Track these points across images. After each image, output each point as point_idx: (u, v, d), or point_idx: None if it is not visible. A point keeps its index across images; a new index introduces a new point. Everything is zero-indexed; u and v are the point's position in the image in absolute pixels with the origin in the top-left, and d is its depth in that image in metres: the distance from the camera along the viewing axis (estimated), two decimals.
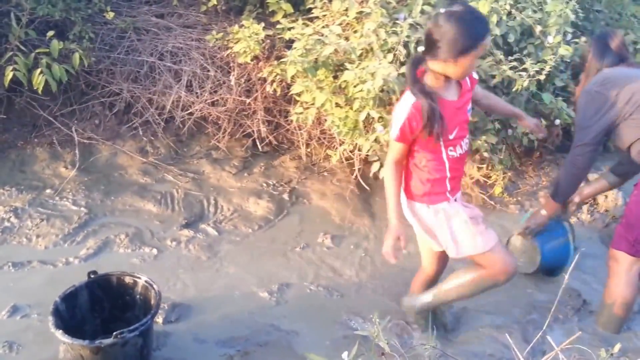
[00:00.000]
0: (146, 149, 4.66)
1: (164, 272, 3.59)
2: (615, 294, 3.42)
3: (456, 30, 2.44)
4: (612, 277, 3.43)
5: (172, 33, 4.62)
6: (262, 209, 4.33)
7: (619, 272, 3.39)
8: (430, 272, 3.22)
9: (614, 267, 3.42)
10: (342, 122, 4.04)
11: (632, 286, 3.38)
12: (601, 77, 3.33)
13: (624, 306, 3.39)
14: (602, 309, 3.50)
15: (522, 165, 5.31)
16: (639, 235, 3.29)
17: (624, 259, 3.37)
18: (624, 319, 3.45)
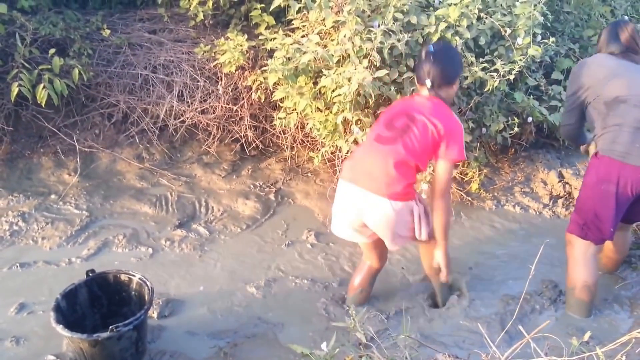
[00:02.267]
0: (142, 155, 4.77)
1: (159, 269, 3.70)
2: (575, 279, 3.49)
3: (457, 59, 3.14)
4: (570, 262, 3.51)
5: (163, 47, 4.73)
6: (250, 209, 4.45)
7: (575, 256, 3.48)
8: (381, 265, 3.44)
9: (570, 251, 3.51)
10: (323, 126, 4.15)
11: (590, 269, 3.44)
12: (587, 60, 3.48)
13: (586, 289, 3.45)
14: (567, 295, 3.57)
15: (497, 162, 5.40)
16: (587, 218, 3.39)
17: (577, 242, 3.46)
18: (588, 302, 3.49)
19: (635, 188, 3.24)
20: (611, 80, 3.29)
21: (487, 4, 4.26)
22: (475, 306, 3.62)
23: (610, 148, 3.26)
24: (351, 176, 3.01)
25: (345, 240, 4.11)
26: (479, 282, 3.88)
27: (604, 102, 3.30)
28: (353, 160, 3.09)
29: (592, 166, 3.39)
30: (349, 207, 3.03)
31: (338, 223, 3.17)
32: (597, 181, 3.32)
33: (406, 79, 4.03)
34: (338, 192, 3.11)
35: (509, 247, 4.32)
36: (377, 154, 2.96)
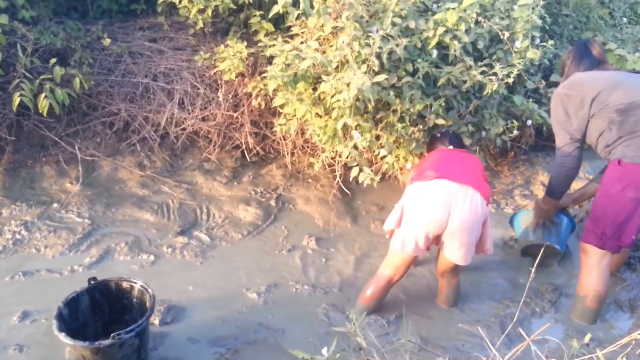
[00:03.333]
0: (144, 163, 4.79)
1: (161, 276, 3.70)
2: (588, 287, 3.45)
3: None
4: (584, 270, 3.46)
5: (164, 55, 4.75)
6: (251, 215, 4.45)
7: (589, 264, 3.42)
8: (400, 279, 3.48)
9: (584, 259, 3.46)
10: (322, 131, 4.14)
11: (603, 278, 3.40)
12: (569, 80, 3.44)
13: (596, 298, 3.42)
14: (577, 302, 3.53)
15: (497, 166, 5.40)
16: (605, 228, 3.31)
17: (593, 251, 3.40)
18: (597, 310, 3.47)
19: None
20: (616, 88, 3.25)
21: (485, 8, 4.27)
22: (475, 309, 3.63)
23: (636, 154, 3.18)
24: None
25: (345, 245, 4.14)
26: (478, 285, 3.88)
27: (616, 109, 3.23)
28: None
29: (614, 174, 3.28)
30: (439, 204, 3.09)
31: (416, 228, 3.16)
32: (622, 190, 3.22)
33: (405, 84, 4.02)
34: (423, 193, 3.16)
35: (509, 250, 4.32)
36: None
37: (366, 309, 3.40)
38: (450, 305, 3.61)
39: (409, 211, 3.15)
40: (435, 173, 3.17)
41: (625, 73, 3.41)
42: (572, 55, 3.58)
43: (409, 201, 3.18)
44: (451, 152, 3.59)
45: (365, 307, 3.41)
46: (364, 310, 3.37)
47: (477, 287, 3.86)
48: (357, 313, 3.40)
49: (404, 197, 3.26)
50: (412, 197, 3.17)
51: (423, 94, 4.19)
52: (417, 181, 3.20)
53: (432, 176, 3.16)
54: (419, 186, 3.17)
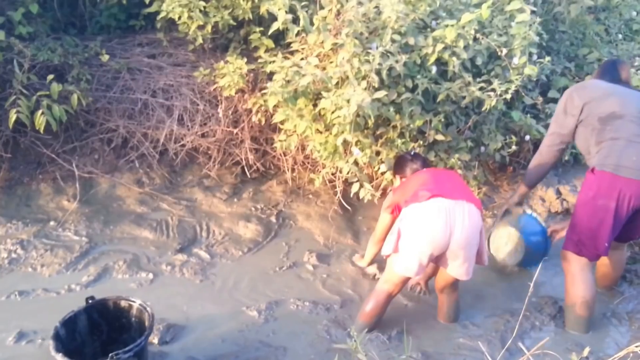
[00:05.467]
0: (142, 180, 4.70)
1: (160, 295, 3.61)
2: (574, 295, 3.47)
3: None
4: (568, 279, 3.50)
5: (163, 71, 4.70)
6: (251, 231, 4.38)
7: (572, 272, 3.47)
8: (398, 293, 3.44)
9: (567, 268, 3.51)
10: (323, 147, 4.11)
11: (588, 285, 3.43)
12: (582, 83, 3.62)
13: (585, 305, 3.44)
14: (567, 312, 3.55)
15: (496, 180, 5.37)
16: (581, 235, 3.40)
17: (573, 259, 3.46)
18: (588, 318, 3.48)
19: (633, 201, 3.25)
20: (607, 98, 3.38)
21: (483, 25, 4.25)
22: (475, 324, 3.58)
23: (605, 162, 3.28)
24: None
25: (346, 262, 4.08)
26: (479, 300, 3.83)
27: (599, 117, 3.35)
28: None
29: (587, 182, 3.40)
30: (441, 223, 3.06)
31: (419, 249, 3.11)
32: (593, 197, 3.33)
33: (404, 100, 3.99)
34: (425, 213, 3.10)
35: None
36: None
37: (367, 325, 3.33)
38: (451, 321, 3.57)
39: (410, 233, 3.10)
40: (430, 192, 3.12)
41: (627, 89, 3.44)
42: (600, 67, 3.71)
43: (407, 224, 3.12)
44: (435, 170, 3.62)
45: (365, 324, 3.34)
46: (365, 327, 3.30)
47: (476, 302, 3.82)
48: (357, 330, 3.33)
49: (400, 220, 3.20)
50: (410, 219, 3.11)
51: (423, 110, 4.17)
52: (413, 203, 3.14)
53: (427, 196, 3.11)
54: (415, 208, 3.12)
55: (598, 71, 3.70)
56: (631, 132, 3.25)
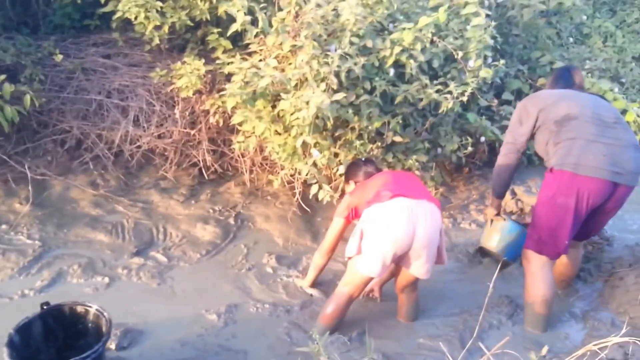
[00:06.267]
0: (97, 182, 4.60)
1: (116, 299, 3.54)
2: (534, 293, 3.53)
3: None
4: (528, 277, 3.56)
5: (118, 72, 4.62)
6: (210, 234, 4.34)
7: (532, 271, 3.53)
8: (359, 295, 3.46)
9: (527, 266, 3.57)
10: (282, 149, 4.11)
11: (547, 283, 3.50)
12: (535, 93, 3.67)
13: (544, 303, 3.50)
14: (526, 310, 3.60)
15: (453, 181, 5.45)
16: (541, 233, 3.46)
17: (533, 257, 3.52)
18: (546, 316, 3.54)
19: (591, 199, 3.32)
20: (560, 102, 3.46)
21: (440, 28, 4.32)
22: (434, 323, 3.62)
23: (564, 162, 3.33)
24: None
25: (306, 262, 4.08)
26: (438, 299, 3.88)
27: (554, 121, 3.42)
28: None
29: (547, 182, 3.46)
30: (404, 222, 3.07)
31: (383, 249, 3.11)
32: (553, 196, 3.38)
33: (363, 102, 4.03)
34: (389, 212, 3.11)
35: (467, 264, 4.35)
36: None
37: (327, 328, 3.33)
38: (411, 320, 3.60)
39: (373, 234, 3.10)
40: (392, 192, 3.15)
41: (581, 93, 3.56)
42: (553, 75, 3.79)
43: (370, 224, 3.12)
44: (394, 172, 3.71)
45: (326, 327, 3.34)
46: (326, 330, 3.30)
47: (435, 301, 3.86)
48: (318, 332, 3.34)
49: (362, 221, 3.20)
50: (373, 219, 3.12)
51: (381, 112, 4.21)
52: (375, 203, 3.15)
53: (389, 196, 3.13)
54: (378, 208, 3.13)
55: (552, 78, 3.78)
56: (588, 131, 3.31)
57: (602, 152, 3.27)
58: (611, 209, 3.47)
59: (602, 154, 3.26)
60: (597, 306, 3.86)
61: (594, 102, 3.47)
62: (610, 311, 3.76)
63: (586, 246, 4.33)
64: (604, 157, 3.25)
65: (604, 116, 3.37)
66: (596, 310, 3.81)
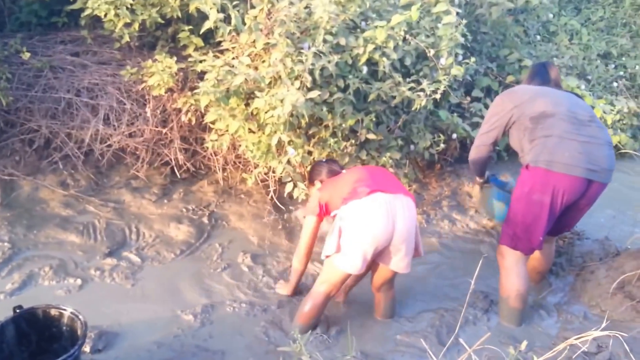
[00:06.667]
0: (67, 182, 4.51)
1: (90, 301, 3.48)
2: (509, 288, 3.59)
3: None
4: (502, 272, 3.62)
5: (87, 70, 4.53)
6: (183, 233, 4.30)
7: (507, 266, 3.59)
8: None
9: (502, 261, 3.63)
10: (256, 147, 4.09)
11: (522, 278, 3.56)
12: (511, 88, 3.74)
13: (519, 298, 3.56)
14: (501, 304, 3.66)
15: (425, 178, 5.49)
16: (516, 229, 3.52)
17: (508, 253, 3.59)
18: (522, 310, 3.61)
19: (566, 196, 3.38)
20: (536, 99, 3.52)
21: (412, 26, 4.34)
22: (411, 320, 3.65)
23: (539, 159, 3.39)
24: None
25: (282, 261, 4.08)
26: (413, 296, 3.91)
27: (530, 117, 3.48)
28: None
29: (522, 178, 3.52)
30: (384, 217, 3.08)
31: (364, 245, 3.10)
32: (528, 192, 3.44)
33: (337, 100, 4.03)
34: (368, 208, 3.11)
35: (441, 260, 4.40)
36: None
37: (305, 327, 3.34)
38: (388, 318, 3.62)
39: (353, 230, 3.09)
40: (369, 188, 3.15)
41: (556, 90, 3.59)
42: (529, 70, 3.85)
43: (349, 221, 3.11)
44: (367, 167, 3.71)
45: (303, 325, 3.34)
46: (303, 329, 3.31)
47: (411, 297, 3.90)
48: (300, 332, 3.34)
49: (340, 219, 3.17)
50: (352, 216, 3.11)
51: (354, 110, 4.22)
52: (352, 200, 3.14)
53: (366, 191, 3.14)
54: (356, 204, 3.12)
55: (528, 74, 3.84)
56: (563, 129, 3.38)
57: (577, 149, 3.33)
58: (585, 205, 3.56)
59: (578, 151, 3.33)
60: (570, 300, 3.95)
61: (570, 100, 3.53)
62: (583, 304, 3.85)
63: (557, 241, 4.41)
64: (579, 154, 3.32)
65: (579, 114, 3.44)
66: (569, 304, 3.90)
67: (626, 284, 3.70)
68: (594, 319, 3.69)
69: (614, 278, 3.79)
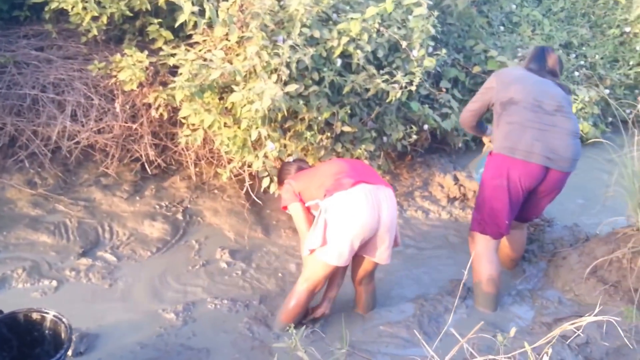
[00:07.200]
0: (34, 180, 4.38)
1: (67, 303, 3.40)
2: (480, 273, 3.70)
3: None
4: (474, 258, 3.70)
5: (53, 65, 4.39)
6: (158, 230, 4.24)
7: (477, 251, 3.70)
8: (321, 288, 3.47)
9: (472, 247, 3.75)
10: (232, 141, 4.05)
11: (493, 263, 3.68)
12: (505, 68, 3.93)
13: (491, 282, 3.66)
14: (475, 290, 3.76)
15: (396, 169, 5.54)
16: (483, 214, 3.64)
17: (477, 238, 3.71)
18: (495, 294, 3.70)
19: (525, 182, 3.51)
20: (511, 85, 3.61)
21: (383, 18, 4.35)
22: (391, 311, 3.70)
23: (501, 145, 3.53)
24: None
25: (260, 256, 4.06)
26: (392, 288, 3.96)
27: (500, 103, 3.60)
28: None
29: (487, 165, 3.66)
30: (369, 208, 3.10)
31: (351, 236, 3.10)
32: (491, 177, 3.59)
33: (312, 93, 4.02)
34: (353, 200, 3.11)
35: (415, 251, 4.46)
36: None
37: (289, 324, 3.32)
38: (370, 310, 3.64)
39: (339, 221, 3.09)
40: (353, 179, 3.16)
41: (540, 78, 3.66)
42: (530, 52, 3.89)
43: (335, 212, 3.10)
44: (345, 159, 3.75)
45: (287, 323, 3.28)
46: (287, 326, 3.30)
47: (390, 289, 3.95)
48: (279, 329, 3.34)
49: (325, 211, 3.15)
50: (338, 207, 3.10)
51: (329, 102, 4.22)
52: (337, 192, 3.13)
53: (351, 183, 3.14)
54: (342, 195, 3.11)
55: (528, 57, 3.86)
56: (524, 117, 3.49)
57: (534, 137, 3.46)
58: (546, 192, 3.67)
59: (535, 139, 3.45)
60: (544, 285, 4.05)
61: (541, 89, 3.58)
62: (557, 289, 3.95)
63: (528, 228, 4.51)
64: (536, 142, 3.45)
65: (545, 104, 3.52)
66: (543, 290, 3.99)
67: (598, 269, 3.80)
68: (568, 304, 3.80)
69: (586, 263, 3.89)
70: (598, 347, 3.18)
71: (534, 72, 3.68)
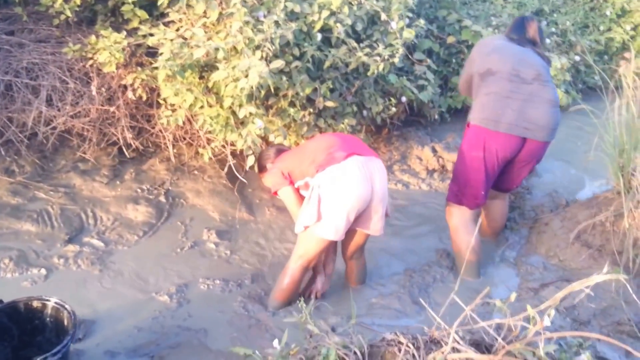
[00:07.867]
0: (12, 168, 4.38)
1: (59, 290, 3.38)
2: (459, 243, 3.83)
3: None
4: (452, 230, 3.86)
5: (25, 49, 4.35)
6: (142, 214, 4.28)
7: (454, 222, 3.84)
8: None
9: (449, 218, 3.87)
10: (215, 121, 4.09)
11: (470, 231, 3.77)
12: (485, 40, 3.97)
13: (472, 251, 3.74)
14: (457, 259, 3.90)
15: (374, 143, 5.64)
16: (460, 185, 3.77)
17: (454, 209, 3.83)
18: (477, 262, 3.85)
19: (501, 153, 3.63)
20: (489, 55, 3.72)
21: None
22: (382, 283, 3.81)
23: (478, 117, 3.64)
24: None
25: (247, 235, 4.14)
26: (380, 261, 4.08)
27: (479, 74, 3.70)
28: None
29: (464, 136, 3.77)
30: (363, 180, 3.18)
31: (347, 208, 3.18)
32: (467, 149, 3.69)
33: (294, 69, 4.08)
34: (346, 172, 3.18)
35: (400, 224, 4.59)
36: None
37: (283, 303, 3.44)
38: (361, 283, 3.76)
39: (334, 194, 3.15)
40: (345, 152, 3.23)
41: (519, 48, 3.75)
42: (511, 24, 3.98)
43: (329, 187, 3.16)
44: (333, 134, 3.86)
45: (282, 302, 3.44)
46: (281, 305, 3.44)
47: (378, 262, 4.06)
48: (273, 308, 3.44)
49: (317, 186, 3.20)
50: (332, 180, 3.16)
51: (310, 78, 4.28)
52: (330, 165, 3.19)
53: (343, 156, 3.21)
54: (335, 169, 3.17)
55: (509, 26, 3.98)
56: (501, 87, 3.58)
57: (511, 107, 3.56)
58: (525, 162, 3.79)
59: (511, 109, 3.56)
60: (527, 252, 4.20)
61: (520, 57, 3.67)
62: (540, 255, 4.10)
63: (509, 196, 4.68)
64: (512, 112, 3.55)
65: (522, 72, 3.61)
66: (527, 256, 4.14)
67: (582, 233, 3.96)
68: (553, 269, 3.95)
69: (569, 228, 4.06)
70: (585, 309, 3.34)
71: (514, 41, 3.77)
